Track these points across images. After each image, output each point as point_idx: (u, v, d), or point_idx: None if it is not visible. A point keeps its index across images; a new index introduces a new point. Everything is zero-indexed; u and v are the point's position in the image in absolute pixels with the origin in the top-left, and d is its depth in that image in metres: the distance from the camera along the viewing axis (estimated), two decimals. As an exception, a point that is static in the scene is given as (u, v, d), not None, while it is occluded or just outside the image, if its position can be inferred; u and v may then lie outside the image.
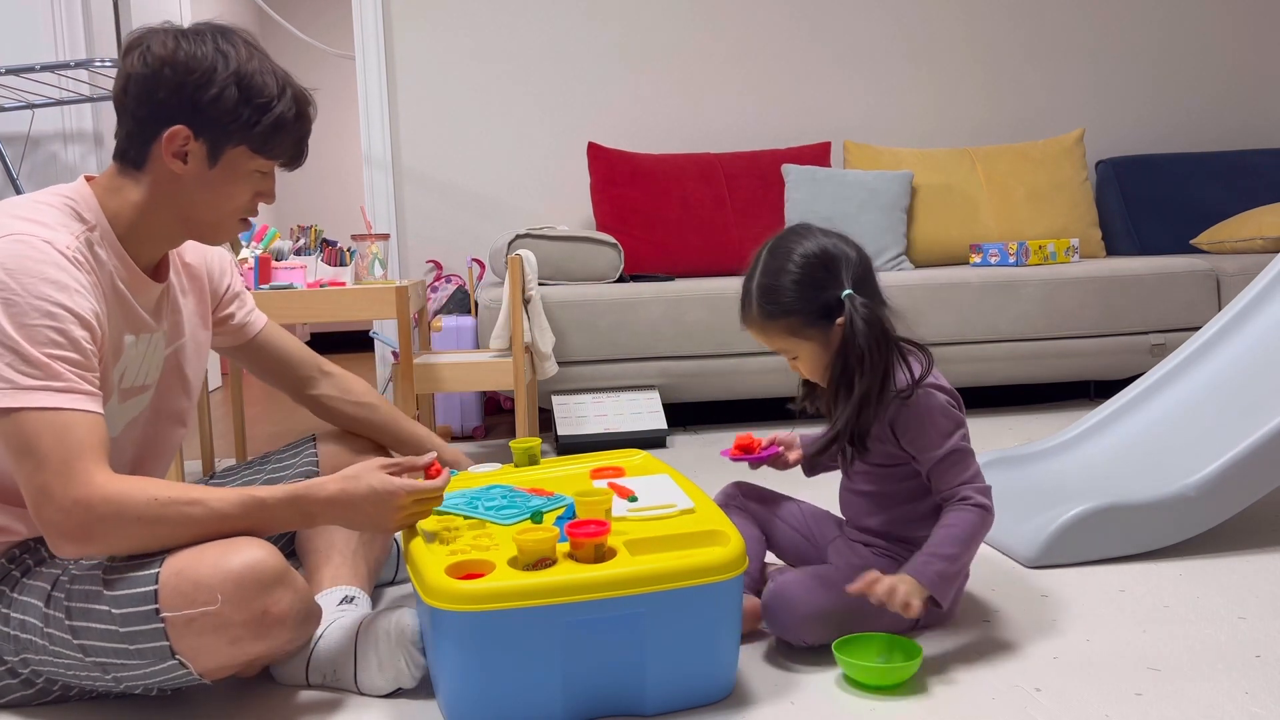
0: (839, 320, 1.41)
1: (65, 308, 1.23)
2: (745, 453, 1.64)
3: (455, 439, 3.39)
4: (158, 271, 1.46)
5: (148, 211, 1.37)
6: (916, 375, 1.44)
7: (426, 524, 1.39)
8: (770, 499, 1.68)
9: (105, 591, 1.23)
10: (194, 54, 1.31)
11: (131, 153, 1.35)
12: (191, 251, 1.57)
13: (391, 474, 1.35)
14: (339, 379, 1.75)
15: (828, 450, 1.49)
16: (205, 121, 1.32)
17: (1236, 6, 4.23)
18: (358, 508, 1.32)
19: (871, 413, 1.42)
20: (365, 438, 1.73)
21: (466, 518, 1.46)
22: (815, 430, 1.65)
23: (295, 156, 1.42)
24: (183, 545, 1.25)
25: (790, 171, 3.69)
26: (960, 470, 1.44)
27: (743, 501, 1.66)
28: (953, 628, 1.54)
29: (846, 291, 1.40)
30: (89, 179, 1.39)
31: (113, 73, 3.50)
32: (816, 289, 1.41)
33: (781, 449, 1.65)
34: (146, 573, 1.23)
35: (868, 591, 1.36)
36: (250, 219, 1.45)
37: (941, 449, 1.43)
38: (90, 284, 1.28)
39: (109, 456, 1.25)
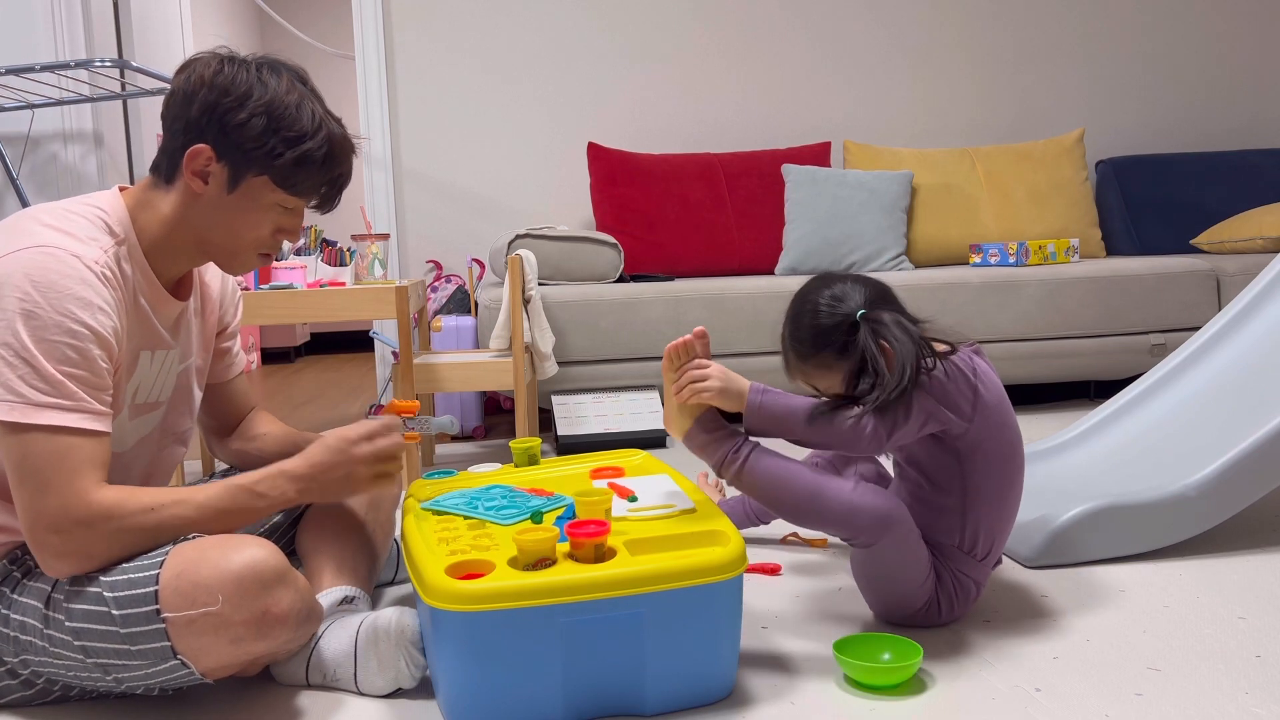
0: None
1: (88, 326, 1.23)
2: None
3: (455, 439, 3.39)
4: (180, 289, 1.46)
5: (173, 227, 1.37)
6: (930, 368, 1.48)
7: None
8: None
9: (106, 593, 1.24)
10: (232, 77, 1.32)
11: (164, 166, 1.37)
12: (210, 273, 1.58)
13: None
14: (247, 422, 1.72)
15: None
16: (229, 145, 1.33)
17: (1236, 6, 4.23)
18: (325, 481, 1.38)
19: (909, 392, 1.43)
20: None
21: (466, 518, 1.47)
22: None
23: (324, 199, 1.42)
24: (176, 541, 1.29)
25: (790, 171, 3.69)
26: (881, 415, 1.45)
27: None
28: (953, 628, 1.54)
29: (861, 312, 1.47)
30: (122, 189, 1.40)
31: (113, 73, 3.53)
32: (834, 321, 1.48)
33: None
34: (147, 574, 1.23)
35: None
36: (272, 255, 1.44)
37: (906, 404, 1.44)
38: (115, 301, 1.29)
39: (111, 473, 1.27)
